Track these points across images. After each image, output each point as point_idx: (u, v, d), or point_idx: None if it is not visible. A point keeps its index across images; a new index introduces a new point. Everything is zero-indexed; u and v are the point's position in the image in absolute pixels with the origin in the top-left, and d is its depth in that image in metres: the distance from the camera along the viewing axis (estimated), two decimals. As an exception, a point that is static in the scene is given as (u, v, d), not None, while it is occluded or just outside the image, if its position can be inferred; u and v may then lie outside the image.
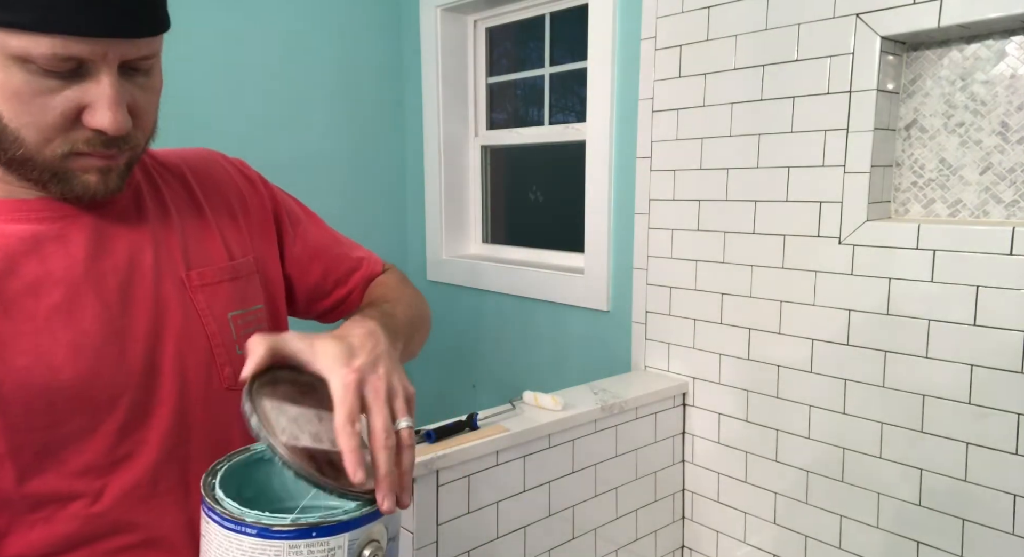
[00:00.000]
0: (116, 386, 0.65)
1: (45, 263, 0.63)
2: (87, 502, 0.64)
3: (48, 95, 0.57)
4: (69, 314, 0.63)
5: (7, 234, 0.63)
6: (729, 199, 1.56)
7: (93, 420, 0.64)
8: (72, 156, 0.60)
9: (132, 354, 0.66)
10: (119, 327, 0.66)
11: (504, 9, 2.23)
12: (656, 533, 1.69)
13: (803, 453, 1.50)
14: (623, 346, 1.86)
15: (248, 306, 0.75)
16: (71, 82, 0.57)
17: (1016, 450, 1.22)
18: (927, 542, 1.34)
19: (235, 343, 0.73)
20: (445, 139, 2.36)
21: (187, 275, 0.71)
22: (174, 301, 0.69)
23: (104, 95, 0.58)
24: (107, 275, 0.66)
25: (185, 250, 0.72)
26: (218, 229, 0.76)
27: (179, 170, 0.78)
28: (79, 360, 0.63)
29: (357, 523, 0.57)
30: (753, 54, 1.48)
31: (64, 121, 0.59)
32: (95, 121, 0.58)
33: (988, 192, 1.31)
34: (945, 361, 1.28)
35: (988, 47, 1.28)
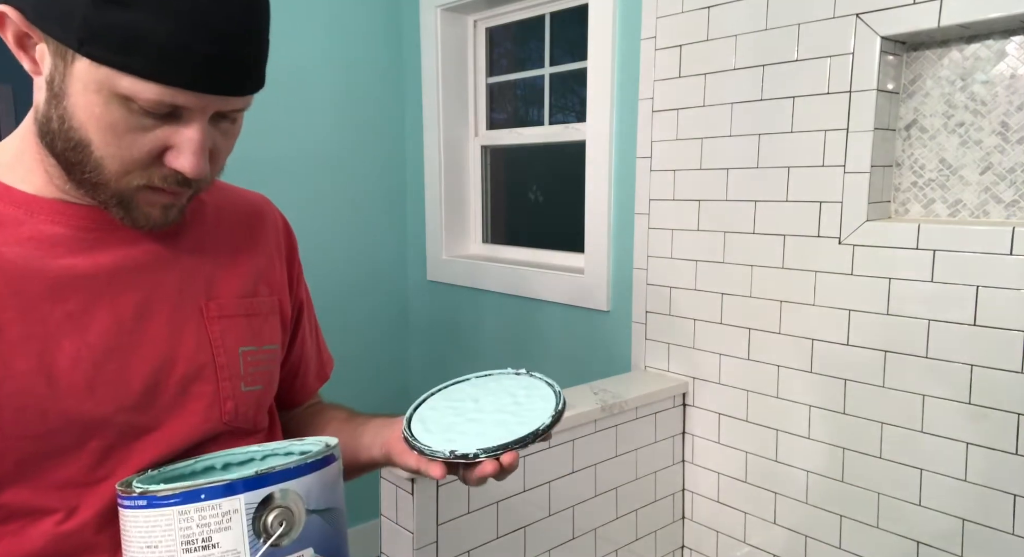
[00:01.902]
0: (110, 405, 0.63)
1: (71, 269, 0.63)
2: (58, 519, 0.62)
3: (140, 132, 0.59)
4: (79, 323, 0.63)
5: (44, 235, 0.63)
6: (729, 199, 1.56)
7: (82, 436, 0.62)
8: (145, 190, 0.62)
9: (134, 374, 0.65)
10: (126, 344, 0.65)
11: (504, 9, 2.23)
12: (656, 533, 1.69)
13: (803, 453, 1.50)
14: (623, 346, 1.86)
15: (261, 344, 0.75)
16: (163, 123, 0.60)
17: (1016, 450, 1.22)
18: (927, 542, 1.34)
19: (241, 379, 0.72)
20: (445, 139, 2.36)
21: (206, 305, 0.71)
22: (190, 327, 0.69)
23: (192, 140, 0.60)
24: (128, 291, 0.66)
25: (210, 278, 0.73)
26: (249, 264, 0.77)
27: (231, 201, 0.80)
28: (76, 372, 0.62)
29: (252, 484, 0.54)
30: (753, 54, 1.48)
31: (148, 158, 0.61)
32: (178, 163, 0.61)
33: (988, 192, 1.31)
34: (945, 361, 1.28)
35: (988, 47, 1.28)
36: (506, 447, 0.64)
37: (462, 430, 0.67)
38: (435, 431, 0.68)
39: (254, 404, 0.74)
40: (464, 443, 0.65)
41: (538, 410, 0.68)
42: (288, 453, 0.67)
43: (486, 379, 0.75)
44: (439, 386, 0.75)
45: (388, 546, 1.31)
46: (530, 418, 0.67)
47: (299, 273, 0.87)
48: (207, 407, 0.69)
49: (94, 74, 0.57)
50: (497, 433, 0.66)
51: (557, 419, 0.66)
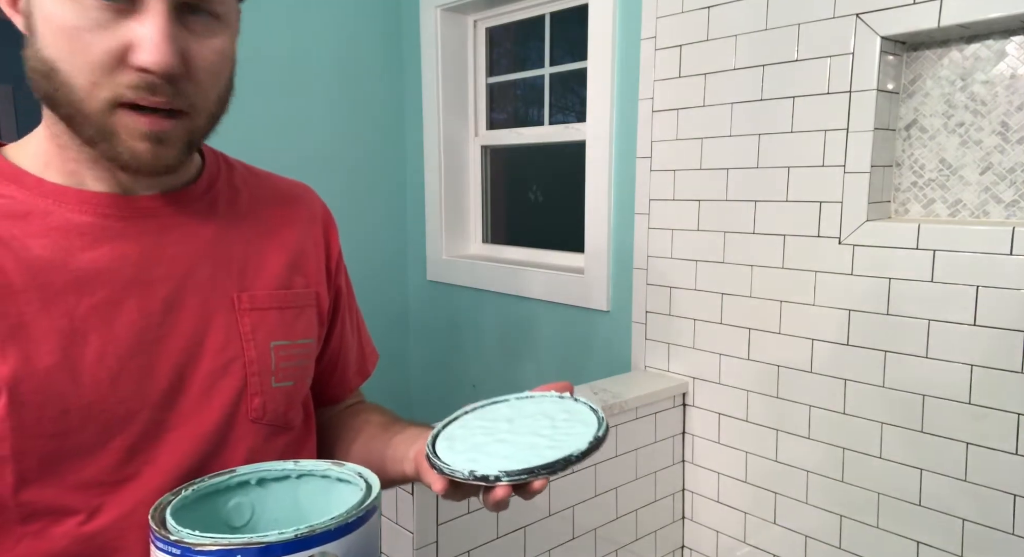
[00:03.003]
0: (135, 400, 0.62)
1: (97, 260, 0.61)
2: (81, 520, 0.60)
3: (97, 31, 0.55)
4: (105, 317, 0.61)
5: (68, 224, 0.61)
6: (729, 199, 1.56)
7: (105, 434, 0.60)
8: (119, 109, 0.57)
9: (160, 369, 0.63)
10: (153, 338, 0.63)
11: (504, 9, 2.23)
12: (656, 533, 1.69)
13: (803, 453, 1.50)
14: (623, 346, 1.86)
15: (294, 338, 0.72)
16: (121, 19, 0.55)
17: (1016, 450, 1.22)
18: (927, 542, 1.34)
19: (272, 374, 0.69)
20: (445, 139, 2.36)
21: (238, 296, 0.68)
22: (219, 321, 0.67)
23: (151, 29, 0.55)
24: (156, 283, 0.64)
25: (243, 269, 0.70)
26: (285, 255, 0.74)
27: (267, 187, 0.77)
28: (101, 367, 0.60)
29: (291, 547, 0.51)
30: (753, 54, 1.48)
31: (110, 60, 0.55)
32: (139, 58, 0.55)
33: (988, 192, 1.31)
34: (945, 361, 1.28)
35: (988, 47, 1.28)
36: (530, 472, 0.59)
37: (489, 451, 0.63)
38: (460, 450, 0.64)
39: (284, 400, 0.71)
40: (487, 464, 0.60)
41: (575, 436, 0.63)
42: (325, 476, 0.64)
43: (526, 401, 0.71)
44: (475, 404, 0.72)
45: (388, 546, 1.31)
46: (565, 443, 0.62)
47: (339, 263, 0.83)
48: (234, 403, 0.67)
49: None
50: (525, 456, 0.61)
51: (595, 447, 0.61)
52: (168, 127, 0.59)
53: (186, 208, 0.68)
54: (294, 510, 0.63)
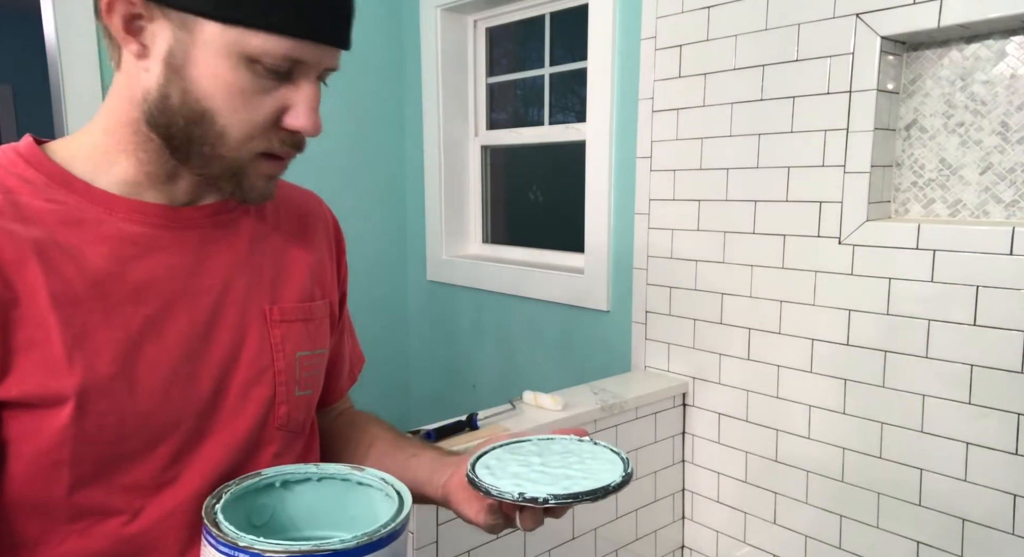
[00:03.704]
0: (181, 408, 0.64)
1: (151, 270, 0.64)
2: (124, 520, 0.63)
3: (262, 95, 0.61)
4: (159, 327, 0.63)
5: (120, 233, 0.63)
6: (729, 199, 1.56)
7: (153, 440, 0.63)
8: (260, 158, 0.64)
9: (203, 378, 0.66)
10: (198, 348, 0.66)
11: (504, 9, 2.23)
12: (656, 533, 1.69)
13: (803, 453, 1.50)
14: (623, 346, 1.86)
15: (315, 348, 0.76)
16: (280, 84, 0.62)
17: (1016, 450, 1.22)
18: (927, 542, 1.34)
19: (296, 383, 0.72)
20: (445, 139, 2.36)
21: (270, 309, 0.71)
22: (253, 332, 0.69)
23: (309, 97, 0.62)
24: (201, 294, 0.66)
25: (274, 281, 0.73)
26: (307, 267, 0.77)
27: (286, 197, 0.80)
28: (154, 376, 0.62)
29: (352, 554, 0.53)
30: (753, 54, 1.48)
31: (269, 121, 0.62)
32: (297, 122, 0.62)
33: (988, 192, 1.31)
34: (945, 361, 1.28)
35: (988, 47, 1.28)
36: (576, 497, 0.63)
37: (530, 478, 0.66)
38: (502, 477, 0.67)
39: (304, 408, 0.74)
40: (534, 489, 0.64)
41: (605, 471, 0.67)
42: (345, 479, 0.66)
43: (548, 441, 0.75)
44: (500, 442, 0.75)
45: (388, 546, 1.31)
46: (599, 476, 0.66)
47: (345, 272, 0.86)
48: (262, 411, 0.69)
49: (224, 37, 0.58)
50: (565, 484, 0.65)
51: (627, 481, 0.66)
52: (284, 169, 0.68)
53: (224, 219, 0.71)
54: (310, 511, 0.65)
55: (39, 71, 2.25)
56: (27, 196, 0.61)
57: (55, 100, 1.82)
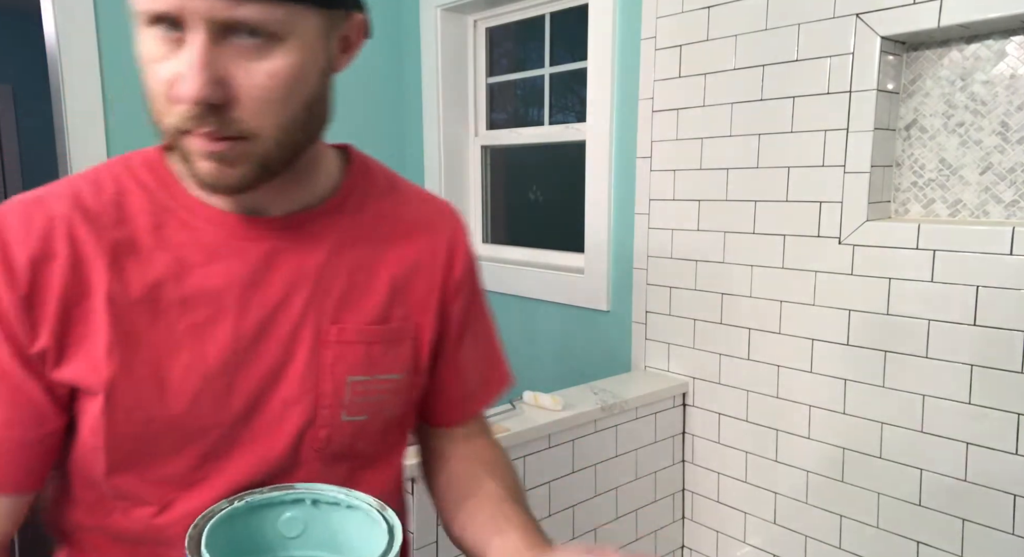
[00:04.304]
0: (210, 417, 0.64)
1: (207, 279, 0.63)
2: (153, 511, 0.65)
3: (160, 63, 0.56)
4: (199, 336, 0.63)
5: (192, 239, 0.64)
6: (729, 199, 1.56)
7: (182, 441, 0.64)
8: (183, 135, 0.57)
9: (239, 391, 0.64)
10: (239, 361, 0.64)
11: (504, 9, 2.23)
12: (656, 533, 1.69)
13: (803, 453, 1.50)
14: (623, 346, 1.86)
15: (376, 374, 0.70)
16: (177, 50, 0.55)
17: (1016, 450, 1.22)
18: (927, 542, 1.34)
19: (343, 408, 0.68)
20: (445, 139, 2.36)
21: (327, 328, 0.67)
22: (303, 350, 0.66)
23: (186, 59, 0.54)
24: (253, 307, 0.65)
25: (341, 300, 0.68)
26: (388, 286, 0.71)
27: (399, 209, 0.75)
28: (185, 383, 0.62)
29: None
30: (753, 54, 1.48)
31: (168, 91, 0.56)
32: (178, 89, 0.54)
33: (988, 192, 1.31)
34: (945, 361, 1.28)
35: (988, 47, 1.28)
36: None
37: None
38: None
39: (352, 434, 0.70)
40: None
41: None
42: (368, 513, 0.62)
43: None
44: None
45: (388, 546, 1.31)
46: None
47: (458, 290, 0.77)
48: (299, 431, 0.67)
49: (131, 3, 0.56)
50: None
51: None
52: (223, 148, 0.57)
53: (301, 231, 0.67)
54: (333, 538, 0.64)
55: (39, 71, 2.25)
56: (135, 197, 0.65)
57: (55, 100, 1.82)
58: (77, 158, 1.81)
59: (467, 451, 0.83)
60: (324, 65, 0.61)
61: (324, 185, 0.70)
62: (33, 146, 4.83)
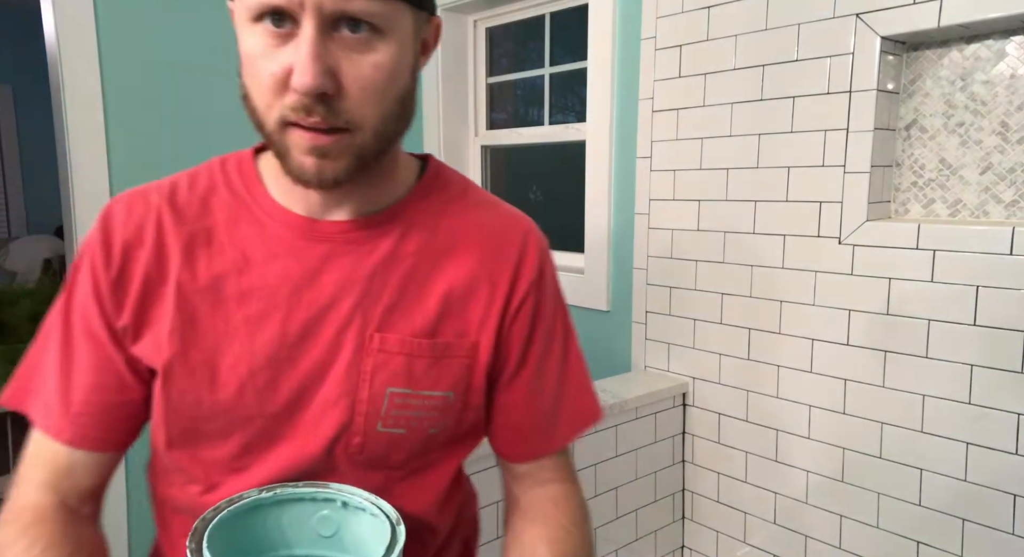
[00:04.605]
0: (254, 408, 0.66)
1: (263, 276, 0.66)
2: (201, 490, 0.68)
3: (268, 57, 0.58)
4: (250, 329, 0.66)
5: (262, 239, 0.67)
6: (729, 199, 1.56)
7: (228, 428, 0.67)
8: (287, 127, 0.59)
9: (282, 386, 0.66)
10: (284, 357, 0.66)
11: (504, 9, 2.23)
12: (656, 533, 1.69)
13: (803, 453, 1.50)
14: (623, 346, 1.86)
15: (419, 388, 0.68)
16: (285, 44, 0.57)
17: (1016, 450, 1.22)
18: (927, 542, 1.34)
19: (380, 418, 0.67)
20: (445, 139, 2.36)
21: (372, 336, 0.67)
22: (345, 354, 0.67)
23: (300, 51, 0.56)
24: (302, 306, 0.66)
25: (391, 309, 0.68)
26: (441, 301, 0.69)
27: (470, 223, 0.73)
28: (233, 373, 0.65)
29: None
30: (753, 54, 1.48)
31: (276, 84, 0.58)
32: (293, 80, 0.57)
33: (988, 192, 1.31)
34: (945, 361, 1.28)
35: (988, 47, 1.28)
36: None
37: None
38: None
39: (387, 444, 0.69)
40: None
41: None
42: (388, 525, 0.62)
43: None
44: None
45: (388, 546, 1.31)
46: None
47: (526, 313, 0.73)
48: (335, 434, 0.67)
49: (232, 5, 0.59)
50: None
51: None
52: (327, 142, 0.59)
53: (360, 236, 0.68)
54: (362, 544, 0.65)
55: (39, 71, 2.25)
56: (220, 193, 0.70)
57: (55, 100, 1.82)
58: (77, 158, 1.81)
59: (531, 499, 0.77)
60: (414, 63, 0.63)
61: (395, 192, 0.71)
62: (33, 146, 4.83)
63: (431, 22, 0.66)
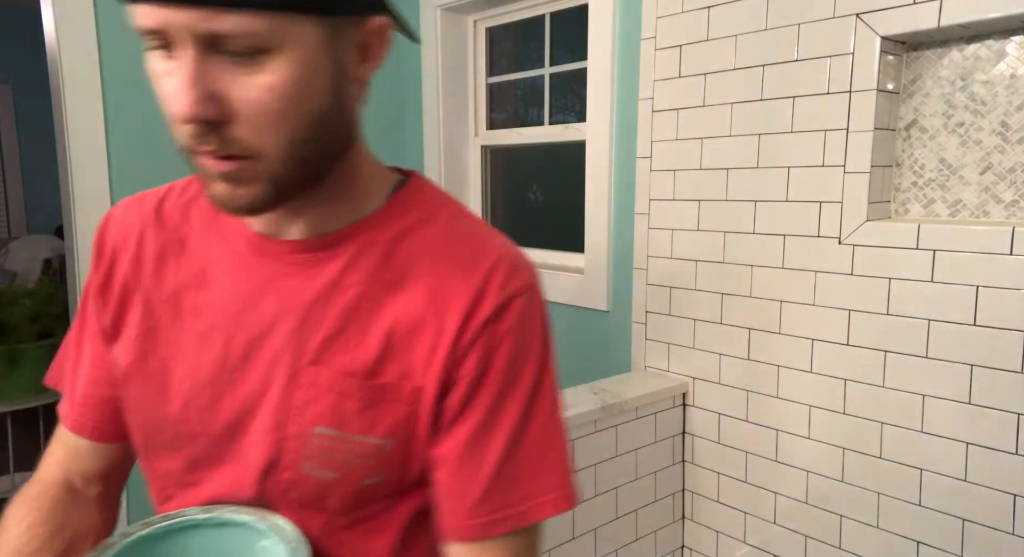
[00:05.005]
0: (197, 426, 0.65)
1: (215, 292, 0.65)
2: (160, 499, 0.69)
3: (162, 83, 0.53)
4: (199, 345, 0.65)
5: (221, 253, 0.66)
6: (729, 199, 1.56)
7: (176, 442, 0.66)
8: (194, 155, 0.55)
9: (223, 408, 0.63)
10: (226, 379, 0.63)
11: (504, 9, 2.23)
12: (656, 533, 1.69)
13: (803, 453, 1.50)
14: (623, 346, 1.86)
15: (349, 432, 0.61)
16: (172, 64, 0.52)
17: (1016, 450, 1.22)
18: (927, 542, 1.34)
19: (307, 459, 0.61)
20: (445, 139, 2.36)
21: (305, 368, 0.61)
22: (279, 384, 0.62)
23: (177, 77, 0.51)
24: (245, 327, 0.63)
25: (328, 341, 0.61)
26: (384, 339, 0.61)
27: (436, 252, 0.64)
28: (180, 389, 0.65)
29: None
30: (753, 54, 1.48)
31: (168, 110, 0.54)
32: (171, 107, 0.52)
33: (988, 192, 1.31)
34: (945, 361, 1.28)
35: (988, 47, 1.28)
36: None
37: None
38: None
39: (318, 488, 0.62)
40: None
41: None
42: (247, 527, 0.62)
43: None
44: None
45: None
46: None
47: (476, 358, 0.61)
48: (266, 468, 0.62)
49: None
50: None
51: None
52: (233, 168, 0.54)
53: (307, 258, 0.63)
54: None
55: (39, 71, 2.25)
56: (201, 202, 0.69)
57: (55, 100, 1.82)
58: (77, 158, 1.81)
59: None
60: (334, 76, 0.56)
61: (357, 212, 0.64)
62: (33, 146, 4.83)
63: (365, 25, 0.57)
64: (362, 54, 0.59)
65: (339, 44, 0.56)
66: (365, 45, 0.58)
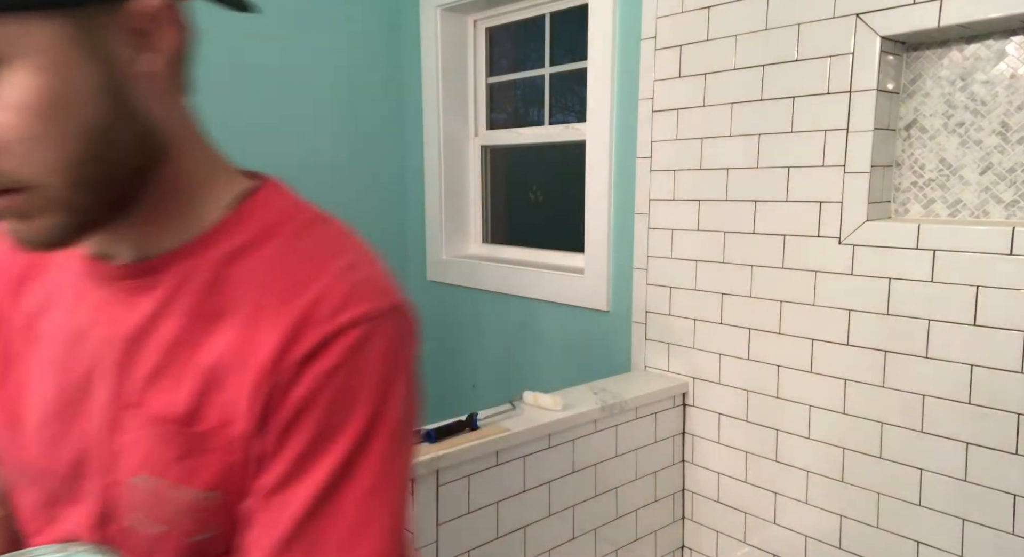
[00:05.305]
0: (45, 462, 0.59)
1: (59, 320, 0.59)
2: (29, 534, 0.63)
3: None
4: (46, 376, 0.58)
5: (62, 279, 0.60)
6: (729, 199, 1.56)
7: (32, 475, 0.60)
8: None
9: (67, 444, 0.57)
10: (70, 413, 0.57)
11: (504, 9, 2.23)
12: (656, 533, 1.69)
13: (803, 453, 1.50)
14: (623, 346, 1.86)
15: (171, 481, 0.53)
16: None
17: (1016, 450, 1.22)
18: (927, 542, 1.34)
19: (130, 510, 0.54)
20: (445, 139, 2.36)
21: (125, 409, 0.54)
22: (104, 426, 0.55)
23: None
24: (81, 358, 0.57)
25: (149, 380, 0.54)
26: (208, 373, 0.53)
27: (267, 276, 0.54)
28: (29, 422, 0.59)
29: None
30: (753, 54, 1.48)
31: None
32: None
33: (988, 192, 1.31)
34: (945, 361, 1.28)
35: (988, 47, 1.28)
36: None
37: None
38: None
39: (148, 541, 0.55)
40: None
41: None
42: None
43: None
44: None
45: (388, 546, 1.31)
46: None
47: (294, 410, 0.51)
48: (100, 516, 0.56)
49: None
50: None
51: None
52: (10, 204, 0.47)
53: (132, 285, 0.55)
54: None
55: (39, 71, 2.25)
56: None
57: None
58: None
59: None
60: (103, 79, 0.46)
61: (189, 231, 0.55)
62: None
63: (129, 9, 0.47)
64: (140, 44, 0.48)
65: (99, 40, 0.46)
66: (141, 32, 0.48)
